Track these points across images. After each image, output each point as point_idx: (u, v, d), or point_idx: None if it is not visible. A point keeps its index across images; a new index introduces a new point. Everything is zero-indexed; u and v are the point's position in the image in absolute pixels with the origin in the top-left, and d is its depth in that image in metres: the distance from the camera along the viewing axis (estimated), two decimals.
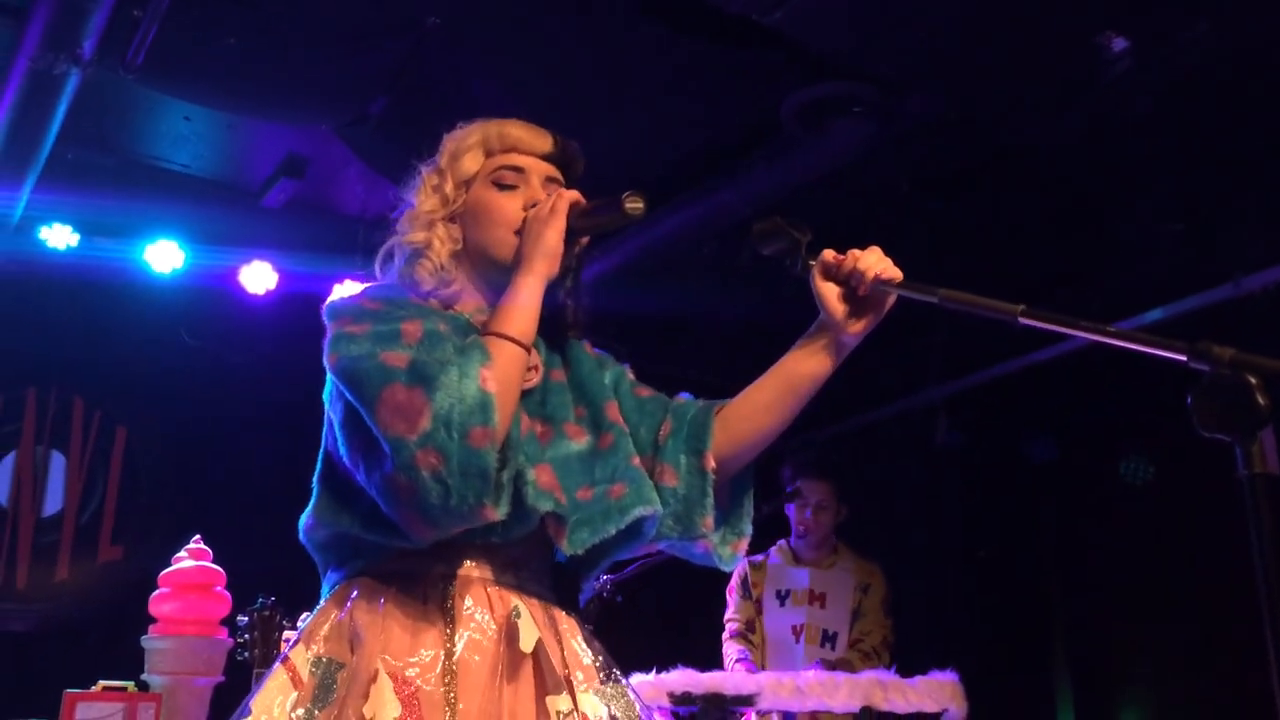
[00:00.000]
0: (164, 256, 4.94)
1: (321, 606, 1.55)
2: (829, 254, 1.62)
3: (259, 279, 5.11)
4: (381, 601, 1.50)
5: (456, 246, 1.68)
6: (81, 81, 3.70)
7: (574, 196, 1.63)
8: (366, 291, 1.66)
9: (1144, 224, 4.40)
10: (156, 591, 3.60)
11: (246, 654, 3.11)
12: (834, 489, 4.40)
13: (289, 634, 3.21)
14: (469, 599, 1.50)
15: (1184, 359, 1.15)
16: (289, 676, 1.45)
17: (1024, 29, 3.40)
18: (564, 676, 1.48)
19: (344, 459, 1.51)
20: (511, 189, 1.68)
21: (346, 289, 4.93)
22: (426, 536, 1.45)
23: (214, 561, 3.69)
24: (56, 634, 4.87)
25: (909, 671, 3.51)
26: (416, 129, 1.81)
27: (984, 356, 5.30)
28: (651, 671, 3.45)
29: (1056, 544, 5.25)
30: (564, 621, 1.57)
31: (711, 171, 4.34)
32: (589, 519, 1.51)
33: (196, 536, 3.75)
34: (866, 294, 1.59)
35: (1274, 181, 3.98)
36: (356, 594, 1.52)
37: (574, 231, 1.63)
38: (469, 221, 1.69)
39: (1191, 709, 4.58)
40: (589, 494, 1.55)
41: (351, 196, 5.03)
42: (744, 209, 4.29)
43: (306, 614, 3.28)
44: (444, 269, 1.66)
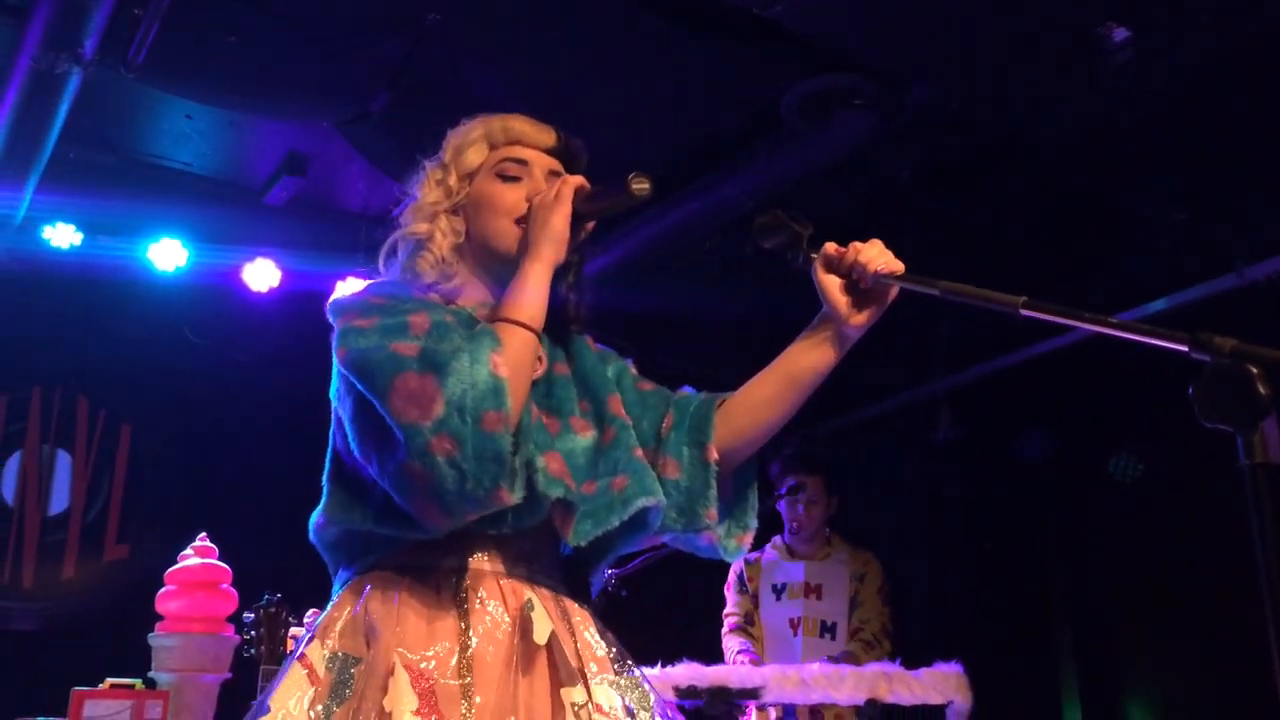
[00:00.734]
0: (167, 255, 4.94)
1: (335, 602, 1.55)
2: (830, 247, 1.62)
3: (262, 277, 5.12)
4: (395, 596, 1.50)
5: (459, 239, 1.69)
6: (83, 81, 3.71)
7: (578, 181, 1.64)
8: (370, 288, 1.66)
9: (1146, 215, 4.39)
10: (163, 589, 3.61)
11: (253, 650, 3.12)
12: (823, 482, 4.40)
13: (295, 630, 3.22)
14: (482, 591, 1.50)
15: (1185, 349, 1.15)
16: (306, 673, 1.45)
17: (1025, 20, 3.40)
18: (578, 668, 1.48)
19: (355, 454, 1.50)
20: (515, 181, 1.69)
21: (349, 286, 4.94)
22: (442, 525, 1.45)
23: (220, 559, 3.70)
24: (63, 632, 4.88)
25: (914, 663, 3.51)
26: (418, 125, 1.82)
27: (986, 349, 5.30)
28: (657, 665, 3.45)
29: (1061, 535, 5.25)
30: (576, 613, 1.57)
31: (712, 165, 4.33)
32: (593, 511, 1.52)
33: (202, 534, 3.76)
34: (868, 287, 1.59)
35: (1276, 171, 3.97)
36: (370, 589, 1.52)
37: (580, 216, 1.62)
38: (472, 213, 1.70)
39: (1197, 697, 4.58)
40: (593, 487, 1.55)
41: (353, 193, 5.03)
42: (745, 202, 4.28)
43: (312, 610, 3.31)
44: (445, 261, 1.67)
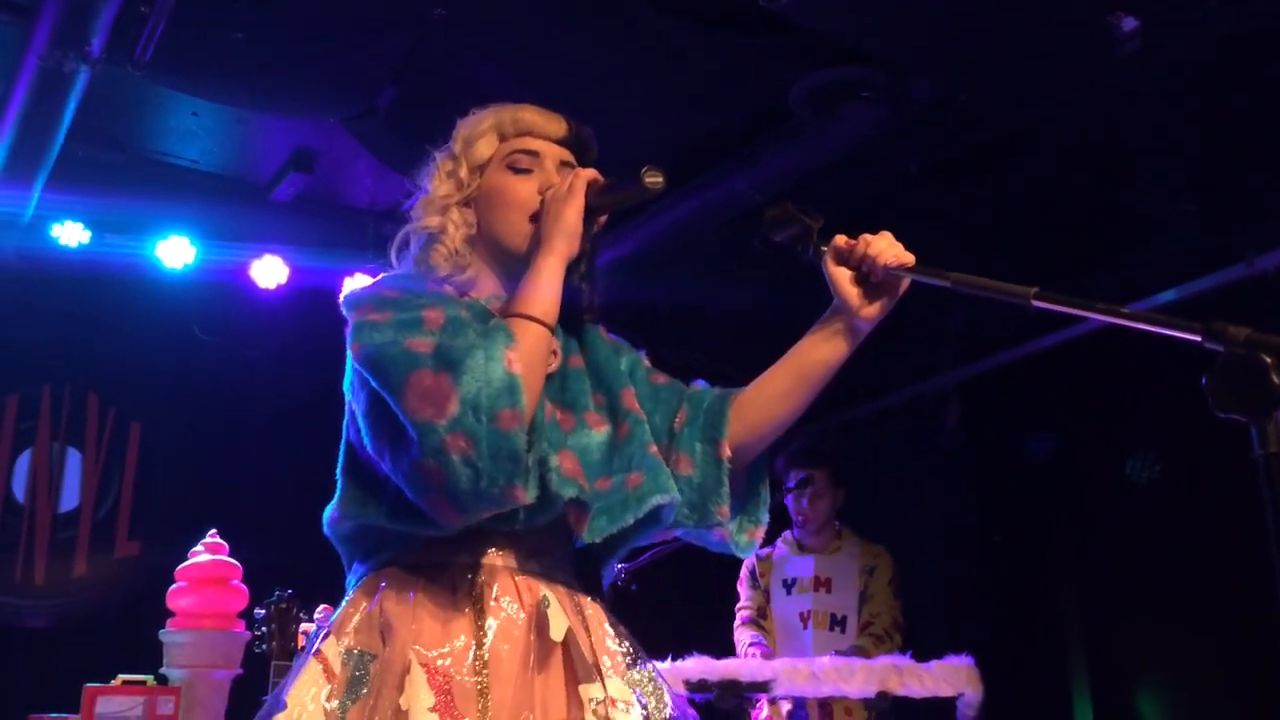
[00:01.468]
0: (175, 252, 4.94)
1: (350, 598, 1.55)
2: (841, 239, 1.61)
3: (270, 273, 5.12)
4: (411, 593, 1.49)
5: (471, 231, 1.68)
6: (90, 79, 3.71)
7: (591, 174, 1.63)
8: (383, 281, 1.65)
9: (1156, 205, 4.37)
10: (174, 586, 3.62)
11: (264, 646, 3.13)
12: (830, 475, 4.37)
13: (306, 626, 3.23)
14: (497, 588, 1.50)
15: (1199, 339, 1.15)
16: (321, 669, 1.45)
17: (1033, 10, 3.38)
18: (593, 664, 1.49)
19: (368, 449, 1.50)
20: (526, 173, 1.68)
21: (357, 282, 4.95)
22: (455, 523, 1.45)
23: (230, 555, 3.71)
24: (75, 629, 4.89)
25: (924, 656, 3.50)
26: (425, 120, 1.81)
27: (996, 342, 5.28)
28: (666, 659, 3.45)
29: (1071, 527, 5.24)
30: (590, 608, 1.57)
31: (720, 158, 4.32)
32: (607, 508, 1.51)
33: (212, 530, 3.77)
34: (879, 280, 1.59)
35: None
36: (385, 585, 1.52)
37: (593, 209, 1.62)
38: (483, 206, 1.69)
39: (1208, 688, 4.57)
40: (607, 484, 1.54)
41: (361, 189, 5.03)
42: (753, 195, 4.27)
43: (323, 606, 3.32)
44: (458, 254, 1.66)
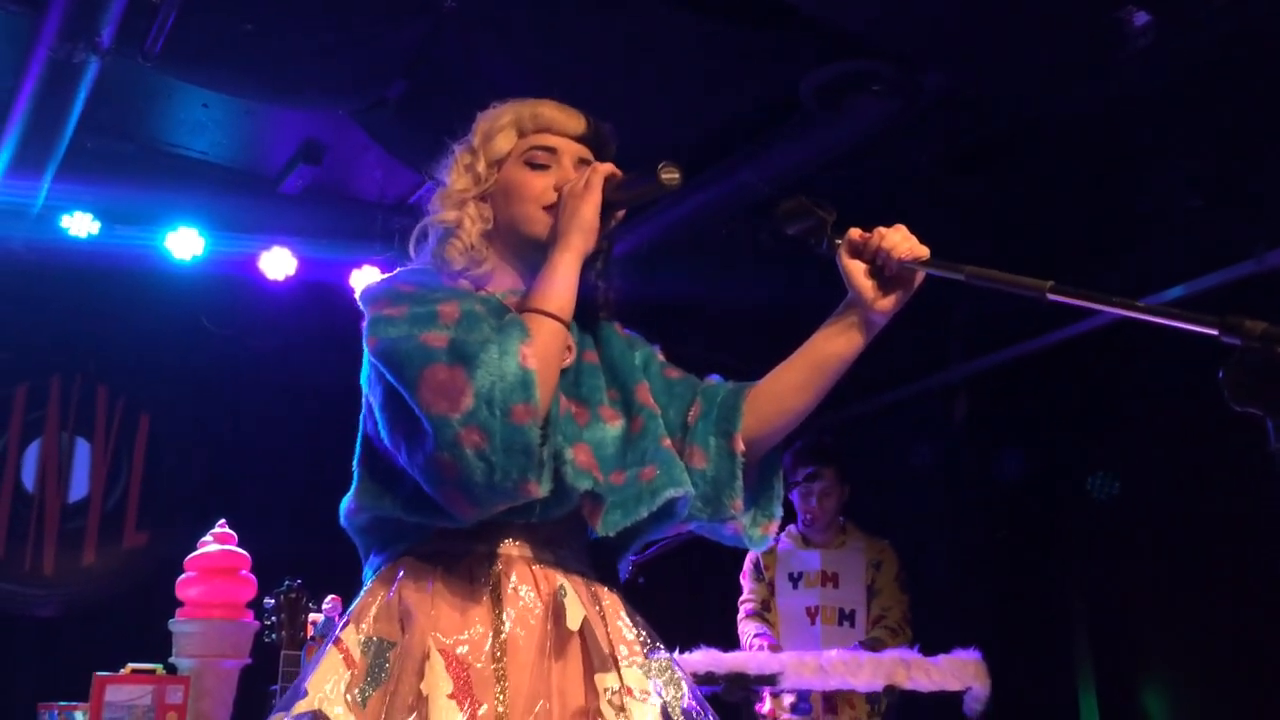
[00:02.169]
0: (184, 244, 4.95)
1: (368, 588, 1.57)
2: (855, 232, 1.61)
3: (278, 265, 5.12)
4: (429, 582, 1.51)
5: (487, 226, 1.69)
6: (100, 70, 3.72)
7: (608, 169, 1.63)
8: (399, 275, 1.66)
9: (1165, 200, 4.36)
10: (183, 576, 3.63)
11: (273, 636, 3.15)
12: (836, 473, 4.38)
13: (315, 616, 3.24)
14: (514, 577, 1.52)
15: (1215, 333, 1.15)
16: (342, 657, 1.46)
17: (1044, 4, 3.37)
18: (609, 654, 1.50)
19: (384, 441, 1.51)
20: (543, 168, 1.68)
21: (366, 274, 4.95)
22: (469, 516, 1.46)
23: (239, 545, 3.73)
24: (84, 618, 4.92)
25: (931, 650, 3.51)
26: (434, 113, 1.82)
27: (1005, 336, 5.27)
28: (674, 652, 3.45)
29: (1078, 523, 5.23)
30: (606, 598, 1.58)
31: (732, 151, 4.32)
32: (622, 502, 1.52)
33: (221, 521, 3.79)
34: (893, 273, 1.59)
35: None
36: (403, 574, 1.53)
37: (610, 205, 1.62)
38: (500, 200, 1.69)
39: (1214, 685, 4.56)
40: (621, 477, 1.55)
41: (369, 182, 5.03)
42: (765, 188, 4.27)
43: (331, 596, 3.33)
44: (474, 248, 1.67)
